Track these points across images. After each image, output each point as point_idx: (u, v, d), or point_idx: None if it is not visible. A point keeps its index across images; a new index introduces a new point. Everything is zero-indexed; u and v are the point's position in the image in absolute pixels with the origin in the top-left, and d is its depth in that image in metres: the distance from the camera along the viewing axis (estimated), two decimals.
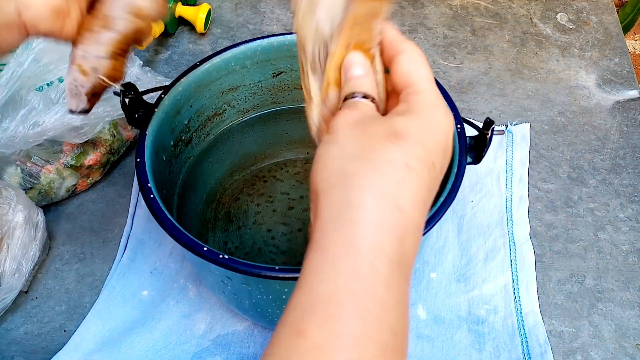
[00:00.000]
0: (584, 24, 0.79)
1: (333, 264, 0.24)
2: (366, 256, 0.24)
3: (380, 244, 0.24)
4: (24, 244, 0.52)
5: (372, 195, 0.25)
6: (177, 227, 0.38)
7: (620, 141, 0.65)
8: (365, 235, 0.24)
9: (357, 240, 0.24)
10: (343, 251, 0.24)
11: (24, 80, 0.55)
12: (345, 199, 0.25)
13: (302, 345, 0.22)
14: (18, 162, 0.56)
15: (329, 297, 0.23)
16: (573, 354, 0.50)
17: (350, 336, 0.22)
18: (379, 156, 0.26)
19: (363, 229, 0.24)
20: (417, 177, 0.26)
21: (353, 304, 0.23)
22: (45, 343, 0.51)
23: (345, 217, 0.25)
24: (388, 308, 0.23)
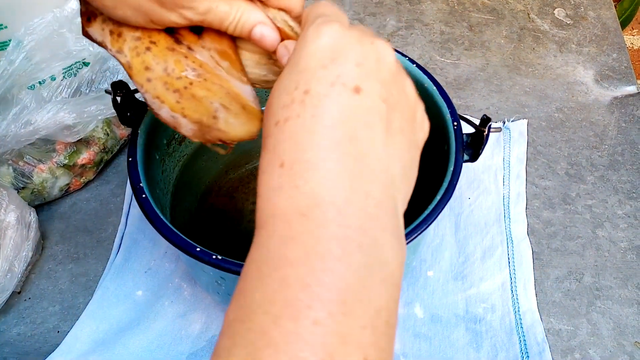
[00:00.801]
0: (581, 19, 0.79)
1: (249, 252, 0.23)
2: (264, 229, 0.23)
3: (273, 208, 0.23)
4: (16, 245, 0.51)
5: (260, 174, 0.24)
6: (170, 228, 0.37)
7: (619, 137, 0.65)
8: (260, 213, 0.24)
9: (258, 217, 0.23)
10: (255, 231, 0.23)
11: (16, 79, 0.54)
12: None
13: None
14: (10, 161, 0.55)
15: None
16: (571, 352, 0.49)
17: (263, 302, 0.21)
18: (263, 137, 0.25)
19: (260, 205, 0.24)
20: (287, 124, 0.23)
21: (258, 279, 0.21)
22: (38, 344, 0.50)
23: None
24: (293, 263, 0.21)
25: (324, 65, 0.24)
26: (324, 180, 0.22)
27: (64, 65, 0.56)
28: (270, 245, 0.22)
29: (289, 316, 0.20)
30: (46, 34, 0.55)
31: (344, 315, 0.20)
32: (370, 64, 0.24)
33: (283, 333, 0.19)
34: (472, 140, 0.43)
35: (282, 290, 0.20)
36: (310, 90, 0.23)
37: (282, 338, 0.19)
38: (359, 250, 0.21)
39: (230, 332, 0.21)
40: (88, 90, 0.59)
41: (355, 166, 0.22)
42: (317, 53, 0.24)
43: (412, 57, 0.73)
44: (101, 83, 0.59)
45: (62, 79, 0.56)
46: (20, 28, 0.54)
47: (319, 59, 0.24)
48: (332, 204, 0.22)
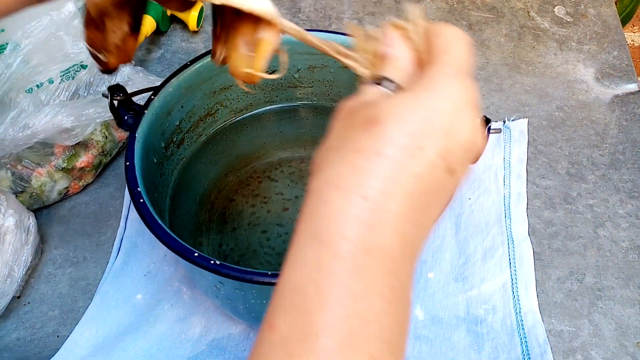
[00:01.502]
0: (581, 16, 0.78)
1: (299, 256, 0.24)
2: (328, 245, 0.23)
3: (342, 232, 0.23)
4: (15, 249, 0.51)
5: (334, 186, 0.24)
6: (168, 233, 0.37)
7: (620, 136, 0.65)
8: (326, 226, 0.23)
9: (319, 230, 0.24)
10: (308, 242, 0.24)
11: (13, 82, 0.54)
12: (314, 191, 0.25)
13: (271, 339, 0.22)
14: (8, 165, 0.55)
15: (294, 289, 0.23)
16: (573, 353, 0.49)
17: (314, 325, 0.22)
18: (349, 145, 0.24)
19: (324, 219, 0.24)
20: (389, 163, 0.23)
21: (315, 293, 0.22)
22: (38, 349, 0.50)
23: (312, 210, 0.24)
24: (355, 295, 0.22)
25: (446, 133, 0.24)
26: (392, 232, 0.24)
27: (62, 68, 0.56)
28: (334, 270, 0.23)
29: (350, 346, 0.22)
30: (43, 37, 0.55)
31: (391, 355, 0.23)
32: (470, 152, 0.25)
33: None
34: None
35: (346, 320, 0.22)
36: (425, 150, 0.24)
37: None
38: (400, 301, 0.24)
39: (286, 348, 0.22)
40: (86, 93, 0.58)
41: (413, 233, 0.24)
42: (449, 114, 0.24)
43: None
44: (99, 86, 0.59)
45: (60, 82, 0.56)
46: (17, 31, 0.54)
47: (447, 122, 0.24)
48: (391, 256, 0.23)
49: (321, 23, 0.78)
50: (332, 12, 0.80)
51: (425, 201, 0.24)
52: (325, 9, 0.80)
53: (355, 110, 0.26)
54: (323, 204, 0.24)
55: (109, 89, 0.43)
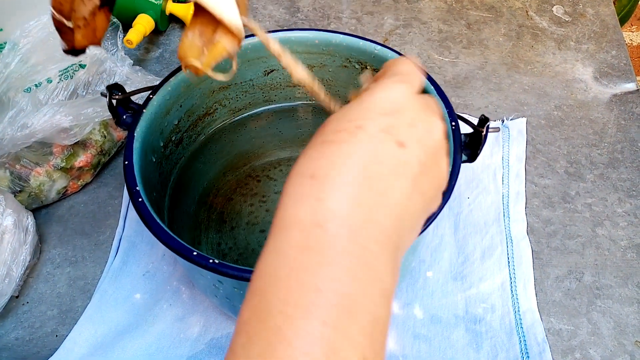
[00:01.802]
0: (580, 16, 0.78)
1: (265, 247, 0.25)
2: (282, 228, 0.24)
3: (295, 214, 0.24)
4: (13, 249, 0.51)
5: (292, 175, 0.26)
6: (166, 232, 0.37)
7: (618, 135, 0.65)
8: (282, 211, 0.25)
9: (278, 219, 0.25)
10: (272, 233, 0.25)
11: (11, 82, 0.54)
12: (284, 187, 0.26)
13: (237, 326, 0.23)
14: (7, 165, 0.55)
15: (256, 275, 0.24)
16: (572, 352, 0.49)
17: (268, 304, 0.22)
18: (305, 150, 0.27)
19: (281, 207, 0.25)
20: (330, 145, 0.26)
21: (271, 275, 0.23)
22: (36, 349, 0.50)
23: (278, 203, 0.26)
24: (307, 269, 0.23)
25: (383, 113, 0.27)
26: (345, 200, 0.24)
27: (60, 68, 0.56)
28: (287, 251, 0.23)
29: (301, 316, 0.22)
30: (42, 37, 0.54)
31: (349, 319, 0.22)
32: (419, 130, 0.27)
33: (295, 331, 0.21)
34: (471, 141, 0.43)
35: (297, 292, 0.22)
36: (363, 126, 0.26)
37: (294, 335, 0.21)
38: (363, 265, 0.24)
39: (246, 329, 0.22)
40: (84, 93, 0.58)
41: (376, 200, 0.25)
42: (381, 101, 0.28)
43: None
44: (98, 85, 0.59)
45: (59, 81, 0.56)
46: (15, 30, 0.54)
47: (380, 106, 0.27)
48: (347, 224, 0.24)
49: (320, 22, 0.78)
50: (330, 11, 0.80)
51: (376, 170, 0.25)
52: (324, 8, 0.80)
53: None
54: (283, 193, 0.26)
55: (107, 88, 0.43)
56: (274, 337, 0.21)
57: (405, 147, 0.26)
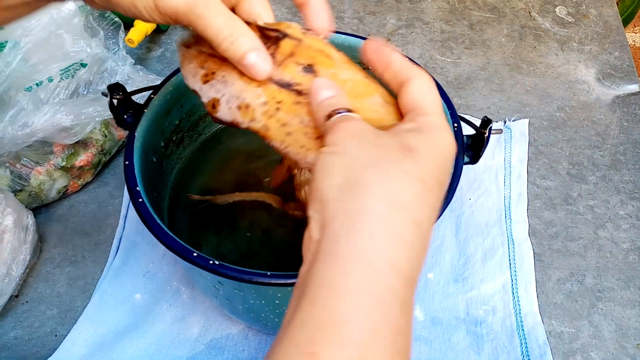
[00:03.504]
0: (583, 17, 0.78)
1: (345, 278, 0.22)
2: (382, 272, 0.22)
3: (396, 260, 0.23)
4: (13, 248, 0.51)
5: (385, 202, 0.23)
6: (167, 232, 0.37)
7: (621, 137, 0.64)
8: (380, 248, 0.23)
9: (371, 253, 0.22)
10: (357, 264, 0.22)
11: (12, 81, 0.54)
12: (358, 206, 0.24)
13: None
14: (7, 164, 0.55)
15: (342, 317, 0.22)
16: (573, 354, 0.49)
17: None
18: (394, 166, 0.24)
19: (377, 239, 0.23)
20: (430, 193, 0.24)
21: (368, 326, 0.21)
22: (36, 348, 0.50)
23: (357, 226, 0.23)
24: (401, 331, 0.22)
25: (445, 173, 0.26)
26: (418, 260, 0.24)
27: (62, 67, 0.56)
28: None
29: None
30: (43, 36, 0.54)
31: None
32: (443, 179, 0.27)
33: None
34: (473, 142, 0.42)
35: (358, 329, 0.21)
36: (442, 184, 0.26)
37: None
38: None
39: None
40: (86, 92, 0.58)
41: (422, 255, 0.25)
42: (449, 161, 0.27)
43: (412, 56, 0.73)
44: (99, 84, 0.59)
45: (60, 80, 0.56)
46: (17, 29, 0.53)
47: (448, 166, 0.27)
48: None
49: None
50: (332, 11, 0.80)
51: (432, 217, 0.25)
52: None
53: (375, 135, 0.27)
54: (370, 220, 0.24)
55: (108, 88, 0.43)
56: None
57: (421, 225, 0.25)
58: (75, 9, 0.56)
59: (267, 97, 0.32)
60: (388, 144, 0.26)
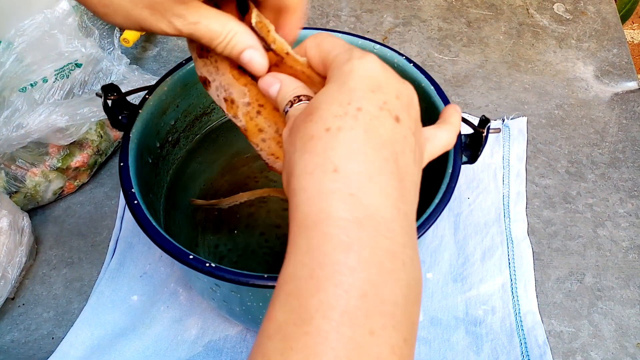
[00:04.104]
0: (581, 14, 0.78)
1: (293, 248, 0.24)
2: (315, 228, 0.23)
3: (327, 210, 0.23)
4: (9, 250, 0.51)
5: (305, 174, 0.25)
6: (162, 234, 0.36)
7: (620, 134, 0.64)
8: (310, 211, 0.24)
9: (305, 219, 0.24)
10: (298, 233, 0.24)
11: (6, 81, 0.53)
12: (292, 193, 0.25)
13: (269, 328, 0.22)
14: (2, 165, 0.54)
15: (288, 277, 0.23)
16: (573, 354, 0.49)
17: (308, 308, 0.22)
18: (302, 140, 0.26)
19: (307, 206, 0.24)
20: (340, 132, 0.25)
21: (308, 276, 0.22)
22: (32, 351, 0.49)
23: (295, 205, 0.25)
24: (351, 270, 0.22)
25: (373, 90, 0.26)
26: (376, 193, 0.24)
27: (56, 67, 0.55)
28: (325, 249, 0.22)
29: (348, 323, 0.21)
30: (37, 36, 0.54)
31: (394, 328, 0.22)
32: (405, 99, 0.27)
33: (343, 340, 0.20)
34: (471, 141, 0.42)
35: (342, 297, 0.21)
36: (363, 108, 0.25)
37: (341, 345, 0.20)
38: (403, 267, 0.23)
39: (282, 335, 0.21)
40: (81, 92, 0.58)
41: (399, 186, 0.25)
42: (365, 78, 0.26)
43: (409, 54, 0.72)
44: (94, 84, 0.59)
45: (54, 80, 0.55)
46: (10, 29, 0.53)
47: (367, 83, 0.26)
48: (382, 218, 0.23)
49: (319, 21, 0.78)
50: (329, 9, 0.79)
51: (391, 150, 0.25)
52: (323, 6, 0.80)
53: (293, 124, 0.27)
54: (301, 194, 0.24)
55: (102, 89, 0.42)
56: (320, 346, 0.20)
57: (400, 122, 0.26)
58: (70, 9, 0.56)
59: (250, 98, 0.33)
60: (299, 119, 0.27)
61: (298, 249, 0.23)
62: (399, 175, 0.25)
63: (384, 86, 0.27)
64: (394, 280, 0.22)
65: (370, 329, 0.21)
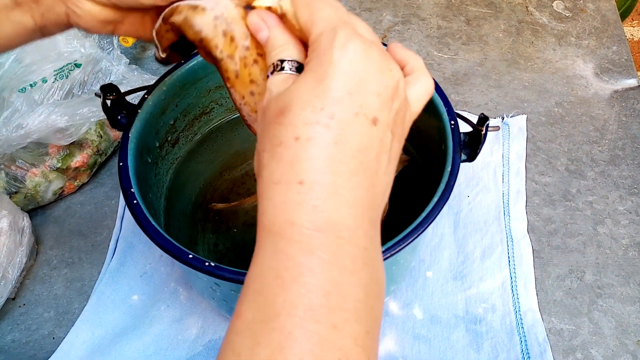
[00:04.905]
0: (580, 11, 0.78)
1: (260, 251, 0.25)
2: (280, 234, 0.24)
3: (291, 219, 0.24)
4: (9, 251, 0.51)
5: (271, 183, 0.25)
6: (161, 234, 0.36)
7: (619, 132, 0.64)
8: (275, 219, 0.24)
9: (271, 225, 0.24)
10: (265, 237, 0.25)
11: (6, 82, 0.53)
12: (260, 193, 0.26)
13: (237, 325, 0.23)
14: (2, 165, 0.55)
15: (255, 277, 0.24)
16: (573, 352, 0.49)
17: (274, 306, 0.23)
18: (271, 143, 0.25)
19: (273, 214, 0.24)
20: (309, 143, 0.24)
21: (274, 277, 0.23)
22: (33, 351, 0.49)
23: (262, 209, 0.25)
24: (312, 271, 0.23)
25: (350, 92, 0.25)
26: (340, 205, 0.24)
27: (55, 67, 0.55)
28: (289, 254, 0.23)
29: (311, 319, 0.22)
30: None
31: (356, 322, 0.23)
32: (387, 93, 0.26)
33: (307, 334, 0.22)
34: (470, 140, 0.42)
35: (305, 295, 0.22)
36: (335, 115, 0.24)
37: (305, 339, 0.22)
38: (364, 267, 0.24)
39: (251, 332, 0.23)
40: (80, 92, 0.58)
41: (365, 195, 0.25)
42: (345, 75, 0.25)
43: None
44: (93, 85, 0.59)
45: (54, 81, 0.55)
46: None
47: (345, 83, 0.25)
48: (345, 226, 0.24)
49: None
50: None
51: (361, 159, 0.25)
52: None
53: (268, 107, 0.26)
54: (267, 202, 0.25)
55: (101, 89, 0.42)
56: (286, 340, 0.22)
57: (378, 122, 0.25)
58: None
59: (251, 44, 0.30)
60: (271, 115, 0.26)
61: (265, 251, 0.24)
62: (368, 182, 0.25)
63: (364, 83, 0.25)
64: (356, 279, 0.24)
65: (333, 323, 0.22)
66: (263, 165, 0.26)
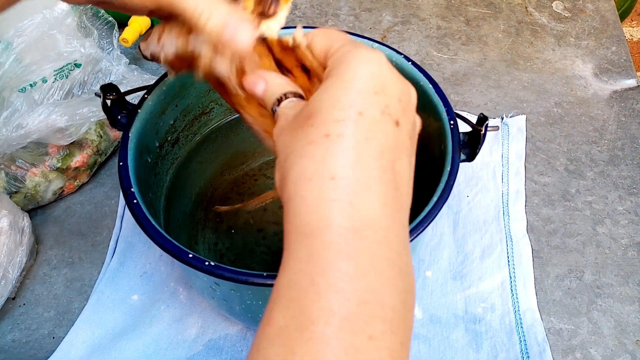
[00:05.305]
0: (580, 12, 0.78)
1: (292, 254, 0.24)
2: (315, 235, 0.23)
3: (326, 219, 0.23)
4: (9, 250, 0.51)
5: (303, 180, 0.24)
6: (161, 233, 0.36)
7: (618, 132, 0.64)
8: (309, 218, 0.24)
9: (304, 226, 0.24)
10: (297, 240, 0.24)
11: (6, 82, 0.53)
12: (288, 197, 0.25)
13: (269, 332, 0.23)
14: (2, 165, 0.55)
15: (289, 283, 0.23)
16: (572, 351, 0.49)
17: (310, 314, 0.22)
18: (301, 143, 0.25)
19: (306, 213, 0.24)
20: (340, 139, 0.24)
21: (309, 283, 0.23)
22: (33, 351, 0.50)
23: (293, 211, 0.25)
24: (351, 277, 0.22)
25: (377, 92, 0.26)
26: (374, 201, 0.24)
27: (55, 67, 0.55)
28: (325, 257, 0.23)
29: (348, 329, 0.21)
30: (36, 36, 0.54)
31: (392, 333, 0.22)
32: (406, 100, 0.27)
33: (343, 346, 0.21)
34: (469, 140, 0.42)
35: (342, 304, 0.22)
36: (364, 113, 0.25)
37: (341, 350, 0.21)
38: (399, 274, 0.24)
39: (284, 340, 0.22)
40: (80, 92, 0.58)
41: (395, 195, 0.25)
42: (371, 76, 0.26)
43: (408, 53, 0.73)
44: (93, 85, 0.59)
45: (54, 81, 0.55)
46: (9, 30, 0.53)
47: (372, 83, 0.26)
48: (380, 227, 0.24)
49: (317, 20, 0.78)
50: (328, 8, 0.79)
51: (389, 158, 0.25)
52: (322, 5, 0.80)
53: (291, 121, 0.27)
54: (301, 201, 0.24)
55: (101, 89, 0.42)
56: (322, 352, 0.21)
57: (400, 126, 0.26)
58: (68, 9, 0.56)
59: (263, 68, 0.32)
60: (297, 123, 0.26)
61: (298, 256, 0.23)
62: (395, 183, 0.25)
63: (388, 87, 0.26)
64: (392, 287, 0.23)
65: (369, 334, 0.22)
66: (290, 166, 0.25)
